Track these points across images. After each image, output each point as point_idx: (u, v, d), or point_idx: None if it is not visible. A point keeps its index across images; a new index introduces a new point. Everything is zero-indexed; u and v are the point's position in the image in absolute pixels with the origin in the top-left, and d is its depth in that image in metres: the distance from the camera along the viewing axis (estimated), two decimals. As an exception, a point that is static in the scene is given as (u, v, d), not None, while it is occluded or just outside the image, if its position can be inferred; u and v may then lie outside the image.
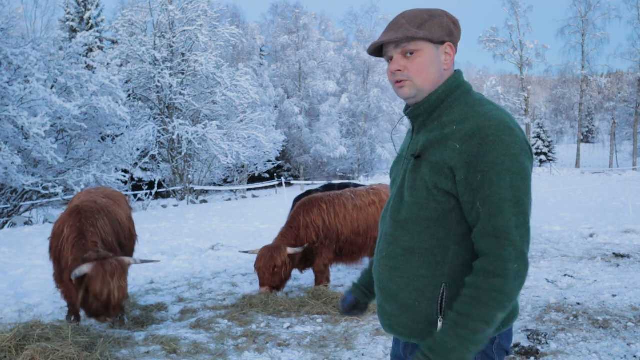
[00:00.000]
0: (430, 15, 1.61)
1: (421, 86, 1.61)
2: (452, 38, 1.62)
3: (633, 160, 43.14)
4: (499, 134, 1.46)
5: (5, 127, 14.25)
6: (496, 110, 1.54)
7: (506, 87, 55.68)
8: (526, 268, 1.46)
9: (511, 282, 1.43)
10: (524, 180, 1.47)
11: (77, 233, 4.48)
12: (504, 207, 1.44)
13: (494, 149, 1.45)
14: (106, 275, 4.13)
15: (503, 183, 1.44)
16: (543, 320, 4.75)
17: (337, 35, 44.69)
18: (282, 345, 4.28)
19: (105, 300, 4.14)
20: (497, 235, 1.44)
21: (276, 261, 5.43)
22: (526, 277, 1.47)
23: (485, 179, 1.45)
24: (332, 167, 39.94)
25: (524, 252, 1.45)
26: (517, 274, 1.44)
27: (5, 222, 15.67)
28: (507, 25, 47.01)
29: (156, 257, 7.95)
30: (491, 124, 1.48)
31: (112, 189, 6.33)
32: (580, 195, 17.57)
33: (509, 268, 1.43)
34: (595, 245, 8.45)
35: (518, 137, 1.49)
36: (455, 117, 1.56)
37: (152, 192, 22.48)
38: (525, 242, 1.46)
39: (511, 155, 1.46)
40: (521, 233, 1.45)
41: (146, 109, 24.43)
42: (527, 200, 1.48)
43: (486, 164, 1.45)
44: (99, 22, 34.54)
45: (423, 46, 1.59)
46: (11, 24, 15.29)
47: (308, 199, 6.01)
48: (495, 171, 1.44)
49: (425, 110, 1.63)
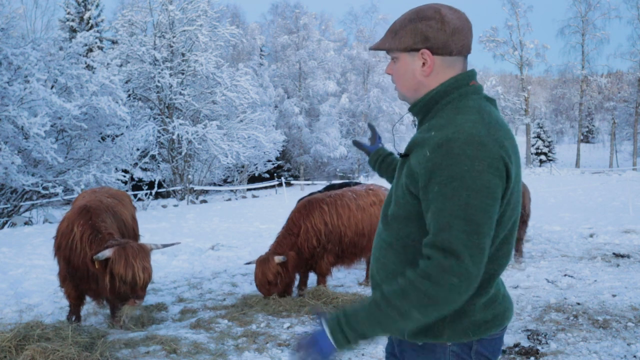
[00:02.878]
0: (410, 19, 1.58)
1: (402, 91, 1.65)
2: (429, 44, 1.54)
3: (633, 160, 43.15)
4: (465, 148, 1.40)
5: (5, 127, 14.25)
6: (476, 122, 1.46)
7: (506, 87, 55.74)
8: (468, 287, 1.40)
9: (443, 292, 1.40)
10: (483, 199, 1.39)
11: (91, 230, 4.49)
12: (454, 223, 1.40)
13: (455, 163, 1.40)
14: (129, 257, 4.17)
15: (457, 199, 1.39)
16: (543, 320, 4.76)
17: (337, 35, 44.69)
18: (282, 345, 4.28)
19: (131, 281, 4.17)
20: (444, 249, 1.41)
21: (267, 277, 5.35)
22: (466, 296, 1.41)
23: (441, 192, 1.41)
24: (332, 167, 39.94)
25: (469, 270, 1.39)
26: (453, 288, 1.39)
27: (5, 222, 15.67)
28: (507, 25, 47.06)
29: (156, 257, 7.95)
30: (459, 137, 1.42)
31: (115, 188, 6.33)
32: (580, 195, 17.57)
33: (446, 279, 1.39)
34: (595, 245, 8.45)
35: (488, 153, 1.41)
36: (440, 122, 1.53)
37: (152, 192, 22.48)
38: (474, 263, 1.39)
39: (473, 172, 1.39)
40: (471, 253, 1.39)
41: (146, 109, 24.43)
42: (484, 220, 1.40)
43: (445, 177, 1.41)
44: (99, 22, 34.55)
45: (399, 54, 1.61)
46: (11, 24, 15.28)
47: (308, 201, 5.83)
48: (452, 186, 1.40)
49: (420, 110, 1.62)
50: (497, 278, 1.59)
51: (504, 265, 1.58)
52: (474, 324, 1.55)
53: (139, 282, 4.20)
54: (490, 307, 1.58)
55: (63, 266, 4.68)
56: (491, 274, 1.54)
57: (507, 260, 1.59)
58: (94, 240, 4.41)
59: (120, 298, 4.30)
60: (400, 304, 1.43)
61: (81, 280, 4.63)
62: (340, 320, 1.49)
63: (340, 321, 1.49)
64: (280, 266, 5.37)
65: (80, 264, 4.47)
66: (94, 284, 4.52)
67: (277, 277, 5.38)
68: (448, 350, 1.57)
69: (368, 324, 1.46)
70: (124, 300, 4.29)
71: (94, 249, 4.35)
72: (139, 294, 4.26)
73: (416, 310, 1.42)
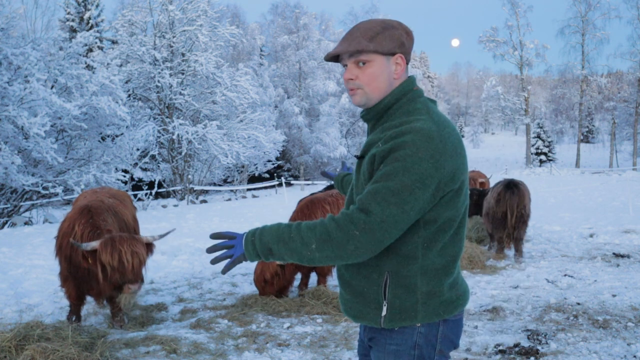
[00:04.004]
0: (383, 27, 1.73)
1: (371, 94, 1.75)
2: (404, 49, 1.74)
3: (633, 160, 43.12)
4: (414, 139, 1.58)
5: (5, 127, 14.24)
6: (427, 120, 1.64)
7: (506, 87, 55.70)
8: (363, 244, 1.56)
9: (341, 236, 1.57)
10: (415, 182, 1.55)
11: (92, 227, 4.49)
12: (381, 191, 1.56)
13: (403, 149, 1.57)
14: (115, 243, 4.13)
15: (394, 176, 1.56)
16: (543, 320, 4.76)
17: (337, 35, 44.66)
18: (282, 345, 4.28)
19: (118, 265, 4.09)
20: (361, 208, 1.58)
21: (265, 275, 5.42)
22: (357, 252, 1.57)
23: (384, 170, 1.59)
24: (332, 167, 39.92)
25: (373, 229, 1.55)
26: (351, 238, 1.56)
27: (5, 222, 15.67)
28: (507, 25, 47.03)
29: (156, 257, 7.95)
30: (412, 129, 1.60)
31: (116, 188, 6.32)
32: (580, 195, 17.57)
33: (348, 227, 1.57)
34: (595, 245, 8.45)
35: (434, 147, 1.58)
36: (394, 123, 1.69)
37: (152, 192, 22.47)
38: (381, 227, 1.55)
39: (415, 158, 1.56)
40: (382, 218, 1.55)
41: (146, 109, 24.43)
42: (409, 199, 1.55)
43: (392, 158, 1.58)
44: (99, 22, 34.55)
45: (374, 57, 1.72)
46: (11, 24, 15.27)
47: (310, 200, 5.85)
48: (393, 165, 1.57)
49: (374, 116, 1.78)
50: (459, 260, 1.77)
51: (462, 247, 1.77)
52: (443, 303, 1.70)
53: (127, 265, 4.11)
54: (454, 287, 1.75)
55: (65, 266, 4.68)
56: (454, 256, 1.72)
57: (463, 242, 1.78)
58: (93, 237, 4.41)
59: (115, 286, 4.23)
60: (305, 234, 1.61)
61: (82, 280, 4.63)
62: (256, 232, 1.70)
63: (255, 232, 1.70)
64: (279, 267, 5.40)
65: (80, 263, 4.47)
66: (94, 283, 4.51)
67: (274, 278, 5.43)
68: (417, 331, 1.70)
69: (275, 240, 1.65)
70: (119, 289, 4.22)
71: None
72: (130, 278, 4.14)
73: (315, 242, 1.59)
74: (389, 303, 1.68)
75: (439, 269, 1.69)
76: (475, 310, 5.15)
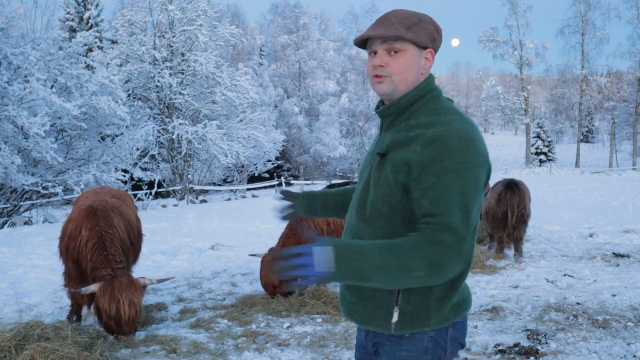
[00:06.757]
0: (419, 19, 1.67)
1: (399, 85, 1.66)
2: (434, 45, 1.69)
3: (633, 160, 43.14)
4: (460, 145, 1.54)
5: (5, 127, 14.24)
6: (461, 121, 1.60)
7: (506, 87, 55.71)
8: (464, 268, 1.54)
9: (446, 265, 1.48)
10: (474, 190, 1.54)
11: (97, 239, 4.42)
12: (453, 209, 1.50)
13: (452, 157, 1.52)
14: (114, 291, 4.10)
15: (455, 188, 1.51)
16: (543, 320, 4.76)
17: (337, 35, 44.70)
18: (282, 345, 4.28)
19: (115, 315, 4.10)
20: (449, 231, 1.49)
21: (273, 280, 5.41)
22: (457, 274, 1.53)
23: (439, 181, 1.51)
24: (332, 167, 39.94)
25: (468, 252, 1.53)
26: (458, 262, 1.50)
27: (5, 222, 15.67)
28: (507, 25, 47.05)
29: (156, 257, 7.95)
30: (453, 134, 1.55)
31: (116, 188, 6.29)
32: (580, 195, 17.57)
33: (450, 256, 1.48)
34: (595, 245, 8.45)
35: (477, 150, 1.56)
36: (421, 122, 1.63)
37: (152, 192, 22.46)
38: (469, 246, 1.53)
39: (467, 165, 1.53)
40: (467, 236, 1.51)
41: (146, 109, 24.43)
42: (474, 208, 1.54)
43: (443, 168, 1.52)
44: (99, 22, 34.57)
45: (408, 47, 1.65)
46: (11, 24, 15.27)
47: None
48: (449, 176, 1.51)
49: (395, 112, 1.69)
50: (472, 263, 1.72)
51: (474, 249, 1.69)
52: (453, 307, 1.66)
53: (124, 317, 4.11)
54: (462, 290, 1.71)
55: (71, 267, 4.61)
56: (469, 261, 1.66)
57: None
58: (96, 253, 4.36)
59: (108, 331, 4.25)
60: (407, 260, 1.46)
61: (87, 282, 4.60)
62: (351, 247, 1.50)
63: (350, 248, 1.50)
64: None
65: (85, 269, 4.45)
66: None
67: (282, 282, 5.41)
68: (427, 336, 1.65)
69: (373, 268, 1.46)
70: (111, 333, 4.24)
71: (94, 261, 4.33)
72: (125, 330, 4.17)
73: (424, 270, 1.46)
74: (401, 309, 1.62)
75: None
76: (475, 310, 5.15)
